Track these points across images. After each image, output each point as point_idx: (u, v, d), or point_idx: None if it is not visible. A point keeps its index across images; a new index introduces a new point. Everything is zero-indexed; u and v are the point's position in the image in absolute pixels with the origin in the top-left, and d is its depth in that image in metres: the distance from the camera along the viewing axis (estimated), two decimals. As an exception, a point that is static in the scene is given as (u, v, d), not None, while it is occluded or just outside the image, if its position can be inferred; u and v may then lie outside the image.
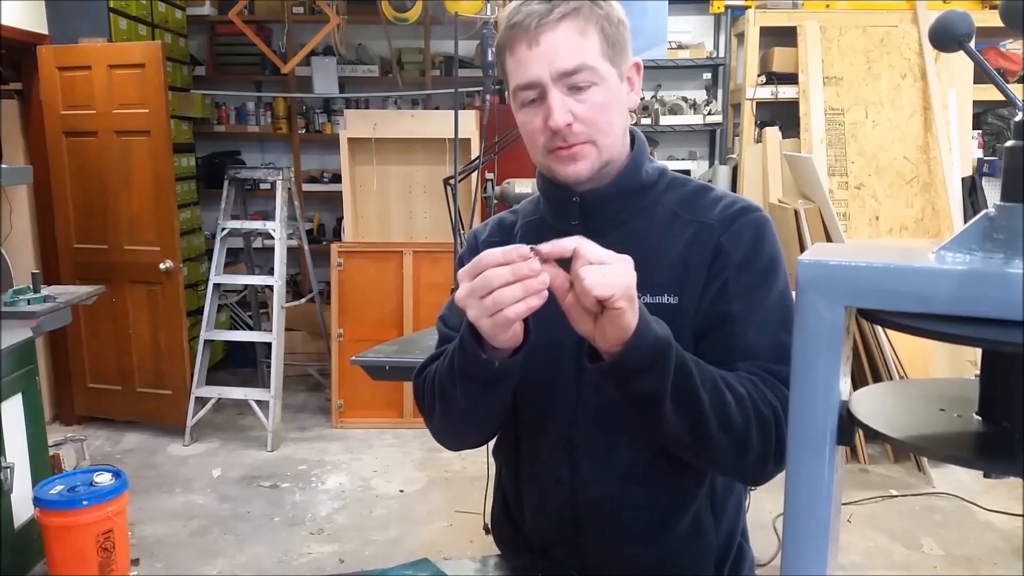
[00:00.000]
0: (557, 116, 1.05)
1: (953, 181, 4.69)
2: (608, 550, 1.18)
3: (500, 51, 1.12)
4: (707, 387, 0.98)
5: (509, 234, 1.27)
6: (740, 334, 1.08)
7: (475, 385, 1.06)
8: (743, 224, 1.13)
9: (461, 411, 1.12)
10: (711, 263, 1.11)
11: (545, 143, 1.09)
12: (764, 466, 1.03)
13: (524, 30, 1.05)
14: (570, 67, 1.05)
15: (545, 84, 1.06)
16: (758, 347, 1.07)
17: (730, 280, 1.10)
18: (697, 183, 1.21)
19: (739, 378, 1.03)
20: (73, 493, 2.74)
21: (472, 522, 3.28)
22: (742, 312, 1.09)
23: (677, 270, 1.11)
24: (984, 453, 0.63)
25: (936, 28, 0.90)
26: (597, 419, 1.14)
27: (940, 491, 3.63)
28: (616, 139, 1.12)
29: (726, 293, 1.10)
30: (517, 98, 1.10)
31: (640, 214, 1.16)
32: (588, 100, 1.07)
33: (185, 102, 5.20)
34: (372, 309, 4.53)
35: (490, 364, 1.00)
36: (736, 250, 1.11)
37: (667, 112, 5.38)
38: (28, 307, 2.95)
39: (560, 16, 1.05)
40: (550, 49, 1.05)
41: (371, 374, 2.60)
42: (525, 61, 1.06)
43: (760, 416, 1.01)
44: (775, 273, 1.12)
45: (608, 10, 1.08)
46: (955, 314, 0.57)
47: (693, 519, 1.16)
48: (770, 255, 1.13)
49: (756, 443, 1.00)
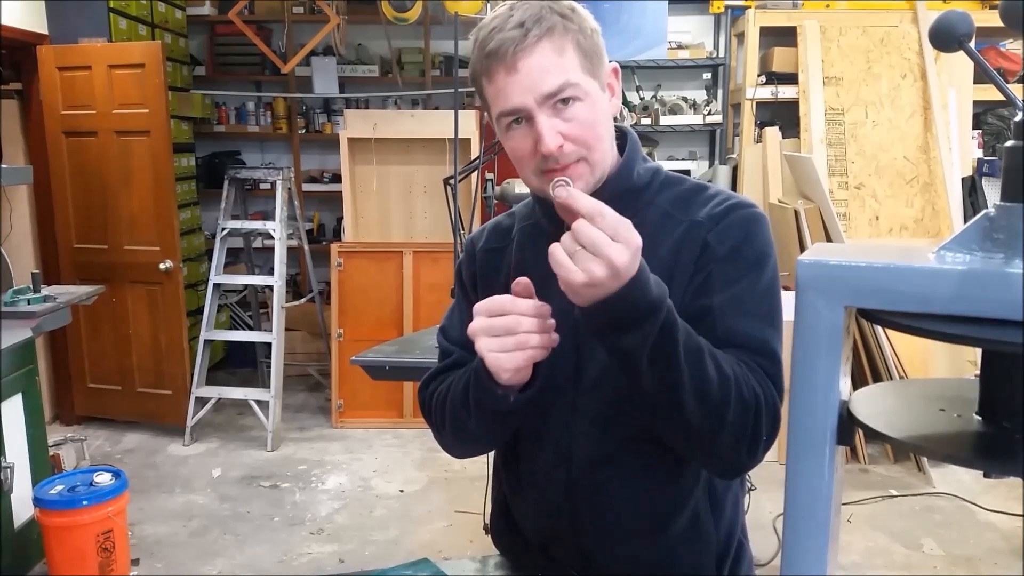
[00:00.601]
0: (548, 140, 1.04)
1: (953, 181, 4.69)
2: (607, 549, 1.18)
3: (476, 78, 1.10)
4: (690, 358, 0.96)
5: (505, 239, 1.27)
6: (722, 325, 1.07)
7: (489, 416, 1.10)
8: (732, 220, 1.12)
9: (474, 436, 1.18)
10: (697, 259, 1.11)
11: (537, 165, 1.08)
12: (736, 450, 1.01)
13: (500, 58, 1.04)
14: (553, 88, 1.03)
15: (530, 109, 1.04)
16: (742, 338, 1.06)
17: (714, 272, 1.09)
18: (692, 182, 1.20)
19: (730, 360, 1.02)
20: (73, 493, 2.74)
21: (472, 522, 3.28)
22: (724, 303, 1.08)
23: (669, 271, 1.10)
24: (984, 453, 0.63)
25: (936, 28, 0.90)
26: (594, 419, 1.14)
27: (940, 491, 3.63)
28: (605, 152, 1.12)
29: (709, 286, 1.09)
30: (500, 123, 1.09)
31: (632, 217, 1.15)
32: (575, 118, 1.06)
33: (185, 102, 5.20)
34: (372, 309, 4.54)
35: (505, 399, 1.05)
36: (721, 245, 1.10)
37: (667, 112, 5.38)
38: (28, 307, 2.95)
39: (536, 39, 1.03)
40: (530, 74, 1.03)
41: (371, 374, 2.60)
42: (506, 88, 1.05)
43: (741, 399, 0.99)
44: (762, 267, 1.10)
45: (580, 22, 1.07)
46: (955, 314, 0.57)
47: (692, 517, 1.16)
48: (759, 250, 1.11)
49: (731, 425, 0.99)
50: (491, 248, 1.27)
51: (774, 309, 1.10)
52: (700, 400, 0.97)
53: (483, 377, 1.04)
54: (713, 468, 1.11)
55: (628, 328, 0.93)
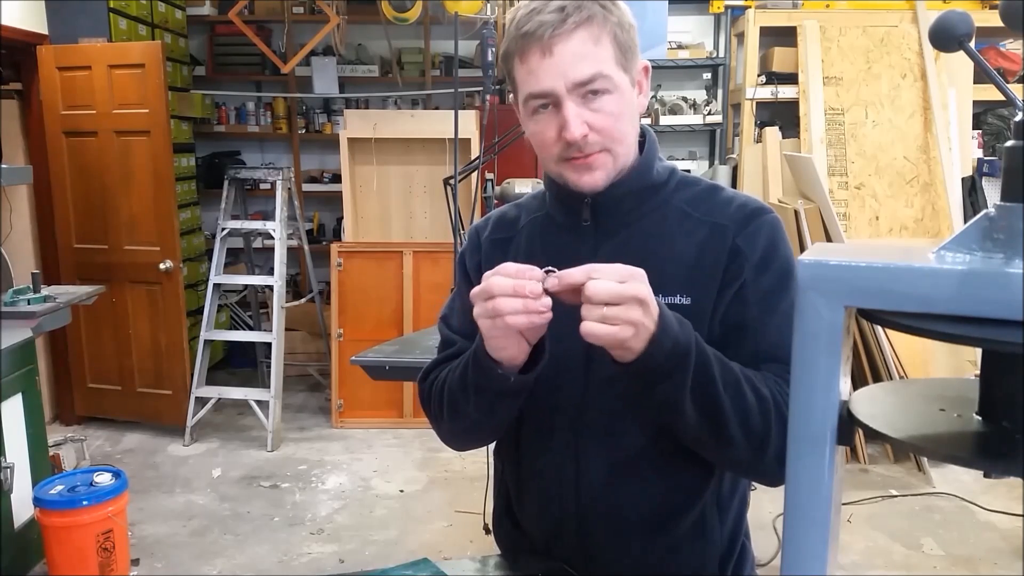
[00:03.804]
0: (573, 128, 1.04)
1: (953, 181, 4.69)
2: (611, 548, 1.18)
3: (508, 57, 1.09)
4: (729, 390, 0.98)
5: (511, 230, 1.26)
6: (761, 339, 1.08)
7: (487, 398, 1.08)
8: (759, 225, 1.12)
9: (472, 422, 1.14)
10: (727, 265, 1.11)
11: (559, 152, 1.08)
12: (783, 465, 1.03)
13: (537, 39, 1.03)
14: (585, 77, 1.03)
15: (559, 94, 1.04)
16: (778, 350, 1.07)
17: (748, 283, 1.10)
18: (707, 183, 1.21)
19: (764, 378, 1.04)
20: (73, 493, 2.74)
21: (472, 522, 3.28)
22: (761, 316, 1.09)
23: (689, 270, 1.11)
24: (984, 453, 0.63)
25: (936, 28, 0.90)
26: (602, 418, 1.14)
27: (940, 491, 3.63)
28: (629, 146, 1.12)
29: (744, 297, 1.10)
30: (527, 106, 1.09)
31: (650, 214, 1.16)
32: (602, 109, 1.06)
33: (185, 102, 5.20)
34: (372, 309, 4.53)
35: (505, 379, 1.03)
36: (753, 252, 1.11)
37: (667, 112, 5.38)
38: (28, 307, 2.95)
39: (574, 26, 1.03)
40: (564, 59, 1.03)
41: (371, 374, 2.60)
42: (538, 71, 1.04)
43: (781, 416, 1.01)
44: (790, 275, 1.11)
45: (619, 16, 1.07)
46: (955, 314, 0.57)
47: (698, 518, 1.16)
48: (785, 257, 1.12)
49: (776, 443, 1.00)
50: (496, 238, 1.27)
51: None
52: (745, 428, 0.99)
53: (482, 356, 1.03)
54: (760, 480, 1.12)
55: (667, 375, 0.95)
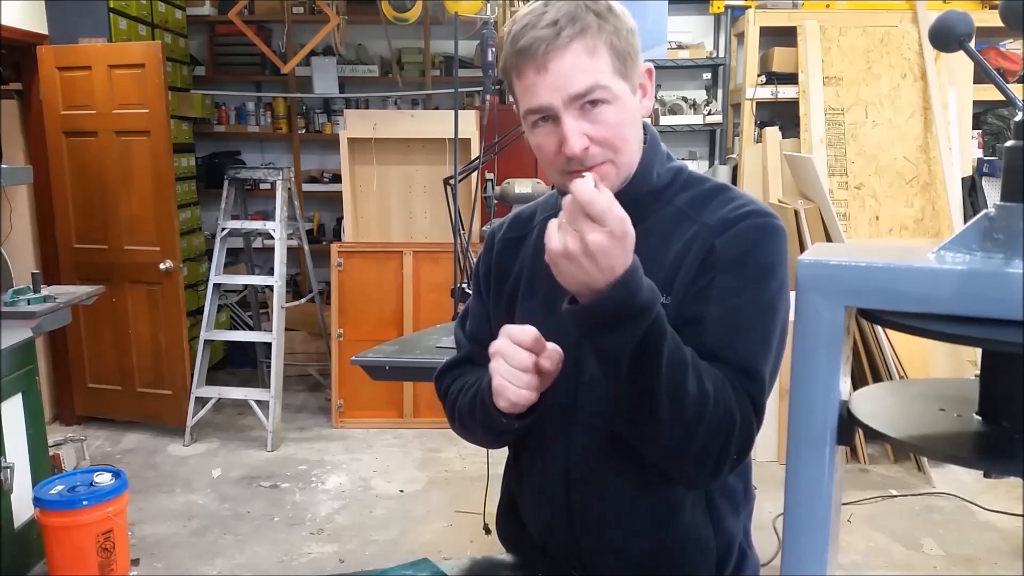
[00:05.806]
0: (573, 143, 1.03)
1: (953, 181, 4.69)
2: (602, 547, 1.18)
3: (506, 73, 1.09)
4: (671, 369, 0.95)
5: (525, 228, 1.27)
6: (715, 339, 1.04)
7: (493, 432, 1.16)
8: (745, 227, 1.08)
9: (480, 440, 1.24)
10: (702, 262, 1.08)
11: (561, 166, 1.07)
12: (699, 468, 1.01)
13: (531, 55, 1.02)
14: (582, 90, 1.02)
15: (557, 109, 1.03)
16: (732, 356, 1.03)
17: (716, 280, 1.06)
18: (715, 183, 1.17)
19: (714, 377, 1.00)
20: (73, 493, 2.74)
21: (472, 522, 3.28)
22: (721, 315, 1.04)
23: (672, 270, 1.09)
24: (984, 453, 0.63)
25: (936, 28, 0.90)
26: (593, 418, 1.14)
27: (940, 491, 3.63)
28: (632, 154, 1.11)
29: (707, 293, 1.06)
30: (528, 120, 1.09)
31: (650, 216, 1.13)
32: (602, 120, 1.04)
33: (185, 102, 5.20)
34: (372, 309, 4.54)
35: (510, 424, 1.09)
36: (728, 252, 1.07)
37: (667, 112, 5.38)
38: (28, 307, 2.95)
39: (568, 39, 1.01)
40: (560, 74, 1.02)
41: (371, 374, 2.60)
42: (534, 87, 1.04)
43: (715, 419, 0.98)
44: (765, 280, 1.06)
45: (616, 23, 1.05)
46: (955, 314, 0.57)
47: (688, 518, 1.15)
48: (766, 262, 1.07)
49: (700, 443, 0.98)
50: (510, 237, 1.28)
51: (771, 327, 1.06)
52: (673, 413, 0.96)
53: (487, 398, 1.07)
54: (675, 478, 1.10)
55: (612, 327, 0.92)
